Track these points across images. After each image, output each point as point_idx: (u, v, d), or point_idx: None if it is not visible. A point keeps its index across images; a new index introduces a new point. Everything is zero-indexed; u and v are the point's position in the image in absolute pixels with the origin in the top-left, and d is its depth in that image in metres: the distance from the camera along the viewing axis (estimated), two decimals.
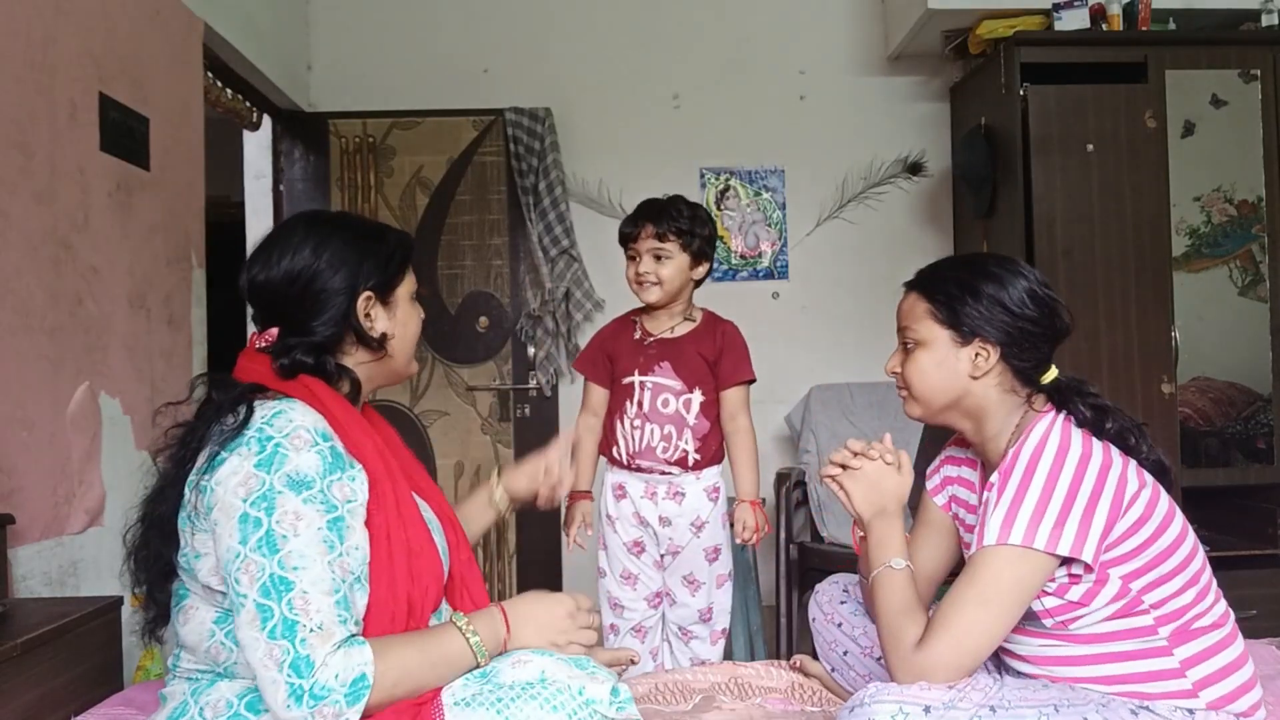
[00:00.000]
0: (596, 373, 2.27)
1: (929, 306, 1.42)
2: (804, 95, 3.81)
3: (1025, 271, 1.42)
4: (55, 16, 2.01)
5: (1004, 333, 1.38)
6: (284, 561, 1.11)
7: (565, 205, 3.55)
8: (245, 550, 1.11)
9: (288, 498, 1.13)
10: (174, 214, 2.50)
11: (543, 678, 1.16)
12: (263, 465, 1.14)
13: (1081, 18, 3.19)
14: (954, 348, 1.40)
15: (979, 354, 1.39)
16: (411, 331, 1.40)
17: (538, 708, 1.12)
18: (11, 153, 1.85)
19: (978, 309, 1.38)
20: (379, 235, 1.37)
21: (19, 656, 1.41)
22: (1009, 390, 1.41)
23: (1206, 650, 1.32)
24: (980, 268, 1.42)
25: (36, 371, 1.92)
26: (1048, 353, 1.42)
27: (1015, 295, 1.38)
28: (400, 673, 1.13)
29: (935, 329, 1.41)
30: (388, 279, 1.34)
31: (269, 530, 1.12)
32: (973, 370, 1.39)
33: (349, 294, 1.29)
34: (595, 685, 1.17)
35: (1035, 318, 1.38)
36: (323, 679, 1.08)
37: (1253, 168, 3.20)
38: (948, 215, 3.82)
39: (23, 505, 1.83)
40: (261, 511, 1.12)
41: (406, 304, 1.38)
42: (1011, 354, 1.38)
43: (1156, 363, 3.14)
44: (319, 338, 1.28)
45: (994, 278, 1.40)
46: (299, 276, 1.28)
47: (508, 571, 3.55)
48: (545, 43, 3.76)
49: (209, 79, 2.90)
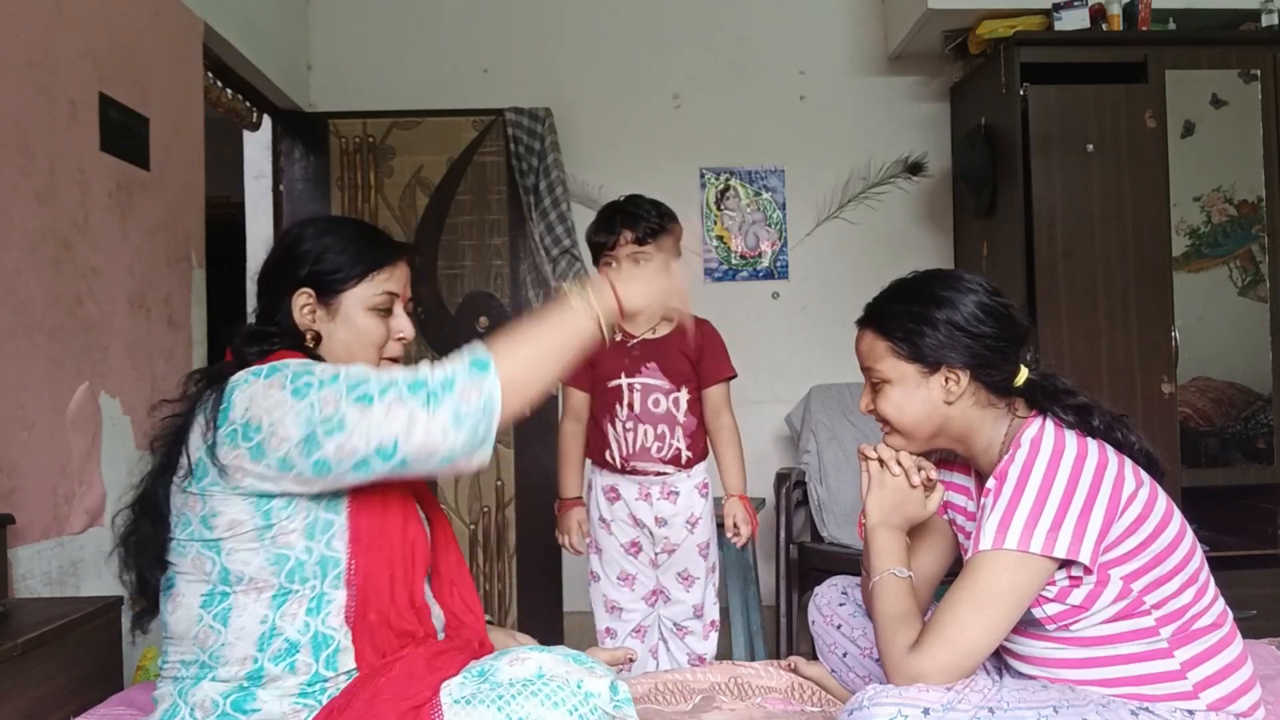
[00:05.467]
0: (577, 377, 2.23)
1: (888, 344, 1.41)
2: (804, 95, 3.82)
3: (973, 285, 1.40)
4: (55, 16, 2.01)
5: (968, 354, 1.36)
6: (320, 380, 1.15)
7: (566, 205, 3.55)
8: (314, 396, 1.14)
9: (312, 366, 1.19)
10: (174, 214, 2.50)
11: (540, 674, 1.16)
12: (270, 374, 1.18)
13: (1081, 18, 3.19)
14: (922, 379, 1.39)
15: (948, 379, 1.38)
16: (359, 342, 1.34)
17: (538, 704, 1.12)
18: (11, 153, 1.85)
19: (936, 338, 1.37)
20: (354, 237, 1.35)
21: (19, 656, 1.41)
22: (987, 405, 1.40)
23: (1207, 651, 1.31)
24: (929, 293, 1.40)
25: (36, 371, 1.92)
26: (1015, 359, 1.41)
27: (969, 313, 1.37)
28: (512, 342, 1.20)
29: (900, 365, 1.40)
30: (331, 281, 1.32)
31: (319, 378, 1.16)
32: (946, 397, 1.38)
33: (287, 287, 1.32)
34: (594, 680, 1.17)
35: (994, 332, 1.37)
36: (437, 375, 1.15)
37: (1253, 168, 3.20)
38: (948, 215, 3.82)
39: (23, 505, 1.83)
40: (305, 378, 1.16)
41: (360, 313, 1.33)
42: (981, 373, 1.38)
43: (1156, 363, 3.14)
44: (267, 328, 1.32)
45: (944, 301, 1.38)
46: (262, 266, 1.36)
47: (508, 571, 3.55)
48: (545, 43, 3.76)
49: (209, 79, 2.90)
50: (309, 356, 1.29)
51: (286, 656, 1.19)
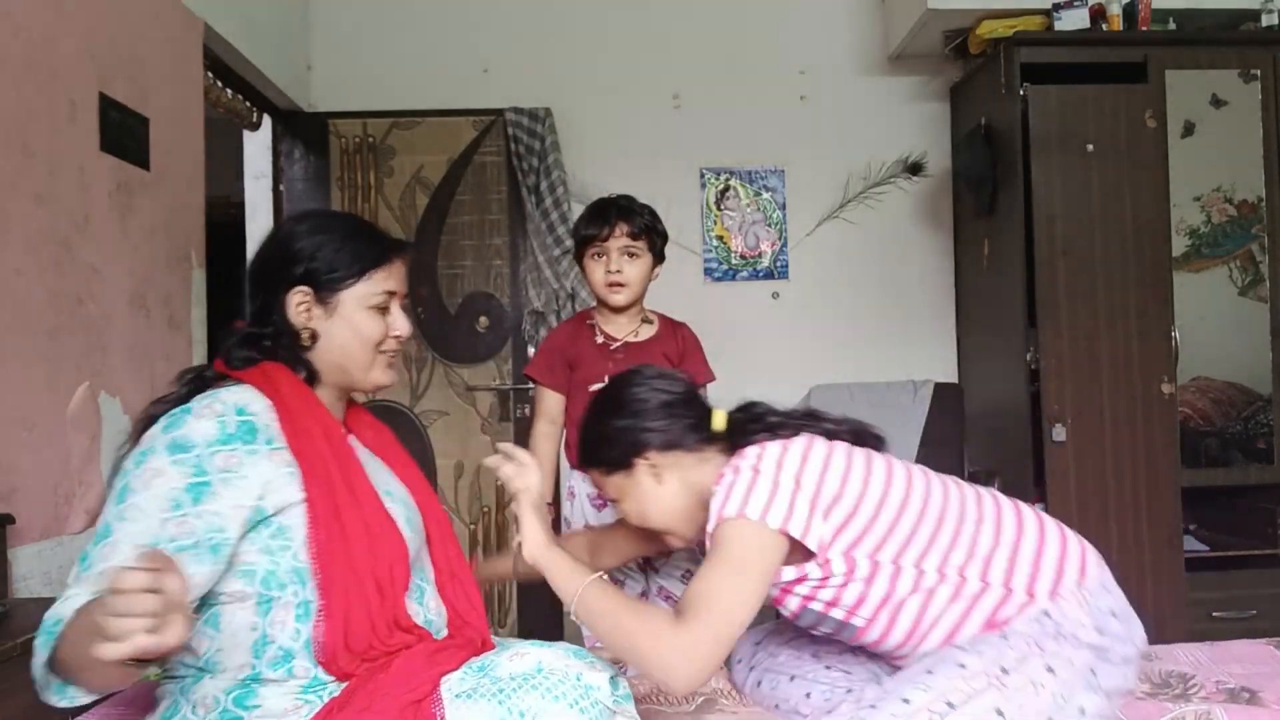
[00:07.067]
0: (555, 379, 2.20)
1: (595, 472, 1.51)
2: (804, 95, 3.81)
3: (631, 377, 1.50)
4: (55, 16, 2.01)
5: (644, 438, 1.43)
6: (122, 513, 1.11)
7: (567, 205, 3.55)
8: (109, 504, 1.13)
9: (160, 456, 1.14)
10: (174, 214, 2.50)
11: (540, 668, 1.17)
12: (166, 429, 1.16)
13: (1081, 18, 3.19)
14: (632, 479, 1.46)
15: (652, 466, 1.44)
16: (358, 341, 1.31)
17: (539, 697, 1.12)
18: (11, 153, 1.85)
19: (612, 444, 1.45)
20: (351, 234, 1.33)
21: (19, 656, 1.41)
22: (701, 461, 1.45)
23: (1009, 559, 1.35)
24: (594, 413, 1.50)
25: (36, 371, 1.92)
26: (700, 409, 1.48)
27: (631, 409, 1.45)
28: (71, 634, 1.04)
29: (612, 480, 1.48)
30: (329, 279, 1.29)
31: (126, 484, 1.13)
32: (662, 479, 1.45)
33: (283, 285, 1.29)
34: (594, 674, 1.17)
35: (660, 404, 1.44)
36: (51, 614, 1.06)
37: (1253, 168, 3.20)
38: (948, 215, 3.82)
39: (23, 505, 1.83)
40: (131, 464, 1.14)
41: (359, 311, 1.31)
42: (674, 441, 1.44)
43: (1156, 363, 3.14)
44: (261, 328, 1.30)
45: (606, 409, 1.48)
46: (254, 262, 1.33)
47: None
48: (545, 43, 3.76)
49: (209, 79, 2.90)
50: (301, 358, 1.30)
51: (283, 664, 1.19)
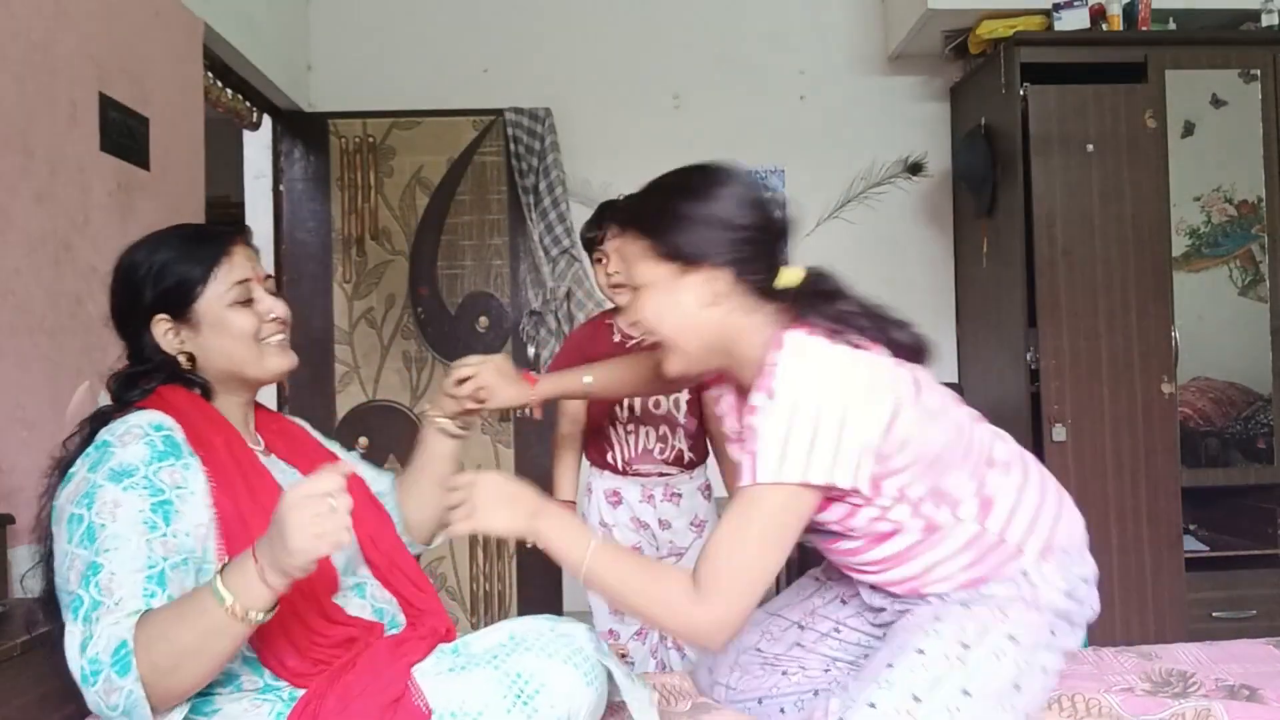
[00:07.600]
0: None
1: (645, 244, 1.31)
2: (804, 95, 3.81)
3: (730, 177, 1.31)
4: (55, 16, 2.00)
5: (728, 250, 1.27)
6: (100, 548, 1.09)
7: (566, 205, 3.55)
8: (71, 549, 1.11)
9: (108, 489, 1.12)
10: (174, 214, 2.49)
11: (512, 636, 1.21)
12: (93, 468, 1.14)
13: (1081, 18, 3.19)
14: (682, 280, 1.29)
15: (708, 280, 1.28)
16: (235, 342, 1.27)
17: (534, 658, 1.16)
18: (11, 153, 1.85)
19: (694, 232, 1.27)
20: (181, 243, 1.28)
21: (19, 656, 1.41)
22: (751, 310, 1.30)
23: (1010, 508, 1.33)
24: (684, 187, 1.31)
25: (36, 371, 1.91)
26: (775, 256, 1.32)
27: (727, 206, 1.28)
28: (155, 631, 1.03)
29: (657, 266, 1.30)
30: (179, 294, 1.26)
31: (90, 524, 1.11)
32: (707, 300, 1.29)
33: (143, 319, 1.27)
34: (570, 625, 1.23)
35: (754, 225, 1.28)
36: (92, 653, 1.03)
37: (1253, 168, 3.20)
38: (948, 215, 3.82)
39: (23, 505, 1.83)
40: (84, 508, 1.11)
41: (223, 313, 1.27)
42: (742, 272, 1.28)
43: (1156, 363, 3.14)
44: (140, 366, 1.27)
45: (701, 195, 1.28)
46: (110, 308, 1.31)
47: (507, 572, 3.55)
48: (545, 43, 3.76)
49: (209, 79, 2.90)
50: (188, 380, 1.27)
51: (228, 683, 1.18)
